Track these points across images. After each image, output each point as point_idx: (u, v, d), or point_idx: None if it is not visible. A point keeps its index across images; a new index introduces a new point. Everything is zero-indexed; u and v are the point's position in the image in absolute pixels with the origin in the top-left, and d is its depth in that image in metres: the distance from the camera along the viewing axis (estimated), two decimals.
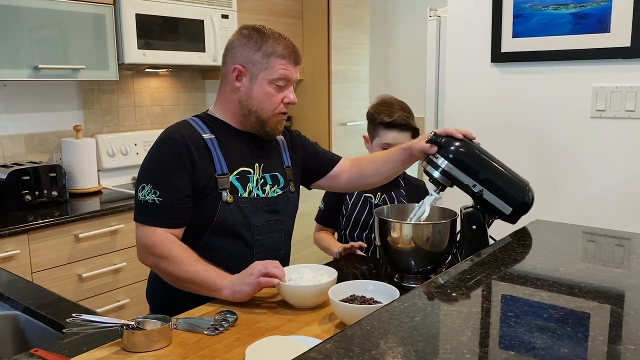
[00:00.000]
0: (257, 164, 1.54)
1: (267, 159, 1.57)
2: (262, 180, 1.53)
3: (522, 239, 1.27)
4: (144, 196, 1.42)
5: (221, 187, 1.45)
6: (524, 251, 1.18)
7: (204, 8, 2.97)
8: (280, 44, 1.48)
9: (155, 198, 1.40)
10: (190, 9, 2.91)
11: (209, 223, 1.46)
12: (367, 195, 1.95)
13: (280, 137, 1.66)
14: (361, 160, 1.72)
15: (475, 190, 1.44)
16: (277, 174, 1.58)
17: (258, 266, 1.34)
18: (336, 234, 2.04)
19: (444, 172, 1.46)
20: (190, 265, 1.37)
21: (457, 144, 1.45)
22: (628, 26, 1.98)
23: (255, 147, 1.56)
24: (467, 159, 1.45)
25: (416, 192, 1.98)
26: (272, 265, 1.34)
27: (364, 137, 2.04)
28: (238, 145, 1.53)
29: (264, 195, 1.52)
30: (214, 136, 1.49)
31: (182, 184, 1.42)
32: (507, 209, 1.44)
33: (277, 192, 1.55)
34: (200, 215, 1.46)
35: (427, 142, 1.49)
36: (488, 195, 1.44)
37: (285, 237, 1.60)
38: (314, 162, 1.71)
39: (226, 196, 1.45)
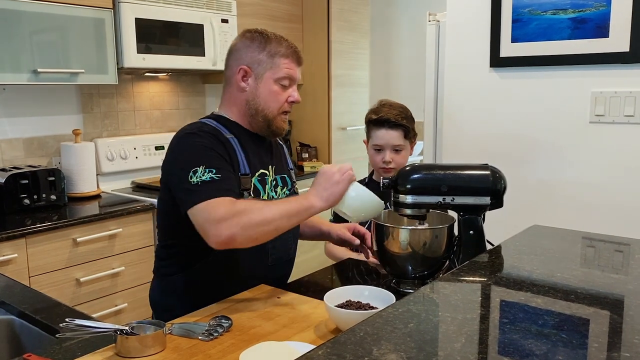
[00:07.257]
0: (270, 166, 1.55)
1: (276, 161, 1.59)
2: (275, 182, 1.55)
3: (519, 244, 1.26)
4: (199, 177, 1.35)
5: (243, 187, 1.44)
6: (521, 256, 1.18)
7: (203, 12, 2.98)
8: (282, 44, 1.51)
9: (213, 175, 1.35)
10: (190, 13, 2.91)
11: None
12: None
13: (279, 141, 1.67)
14: None
15: (446, 202, 1.45)
16: (285, 176, 1.60)
17: (337, 166, 1.36)
18: None
19: (414, 205, 1.46)
20: (270, 205, 1.34)
21: (406, 176, 1.47)
22: (627, 31, 1.97)
23: (265, 149, 1.57)
24: (421, 183, 1.45)
25: None
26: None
27: (363, 141, 2.04)
28: (254, 147, 1.52)
29: (276, 197, 1.53)
30: (233, 136, 1.48)
31: (228, 164, 1.41)
32: (486, 200, 1.44)
33: (285, 194, 1.56)
34: None
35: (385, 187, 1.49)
36: (460, 200, 1.45)
37: (293, 238, 1.60)
38: None
39: (248, 197, 1.44)
